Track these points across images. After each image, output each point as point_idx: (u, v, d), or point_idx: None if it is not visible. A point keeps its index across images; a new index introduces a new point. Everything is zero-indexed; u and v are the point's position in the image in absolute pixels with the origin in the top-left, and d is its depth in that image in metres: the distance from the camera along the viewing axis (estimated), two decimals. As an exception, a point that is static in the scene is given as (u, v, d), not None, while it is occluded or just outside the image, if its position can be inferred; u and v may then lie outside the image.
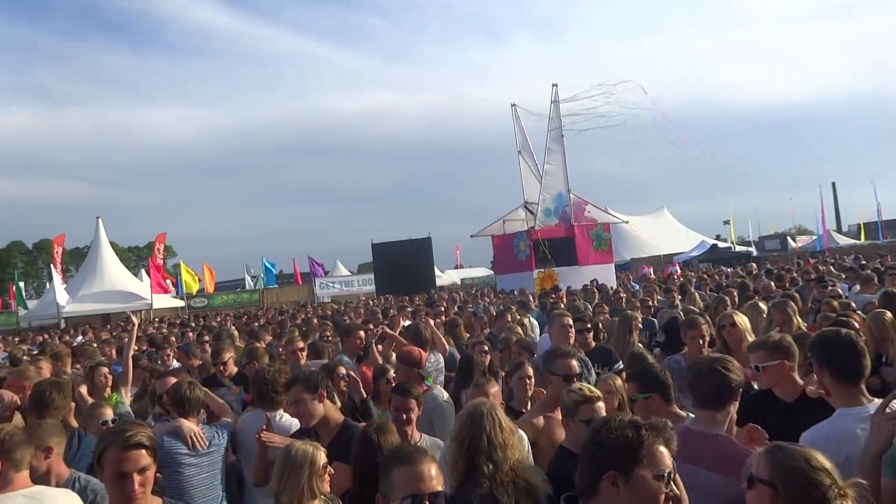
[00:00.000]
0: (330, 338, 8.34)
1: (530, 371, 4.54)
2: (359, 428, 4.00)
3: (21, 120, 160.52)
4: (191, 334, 12.73)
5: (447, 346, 7.23)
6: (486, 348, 6.12)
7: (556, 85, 25.54)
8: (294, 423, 4.30)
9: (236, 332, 10.46)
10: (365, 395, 4.96)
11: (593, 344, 6.25)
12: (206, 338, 10.28)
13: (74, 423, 4.55)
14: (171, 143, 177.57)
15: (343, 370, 5.25)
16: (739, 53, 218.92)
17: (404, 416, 3.86)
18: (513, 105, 27.17)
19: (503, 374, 5.21)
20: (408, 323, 8.79)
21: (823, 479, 1.96)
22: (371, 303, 22.73)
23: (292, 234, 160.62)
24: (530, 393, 4.51)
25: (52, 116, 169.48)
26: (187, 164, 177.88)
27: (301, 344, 6.91)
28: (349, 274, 52.63)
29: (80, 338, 17.65)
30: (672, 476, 2.10)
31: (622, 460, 2.07)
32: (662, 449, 2.10)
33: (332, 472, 3.20)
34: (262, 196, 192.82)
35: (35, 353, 11.02)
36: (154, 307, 34.46)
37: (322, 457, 3.15)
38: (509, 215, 26.58)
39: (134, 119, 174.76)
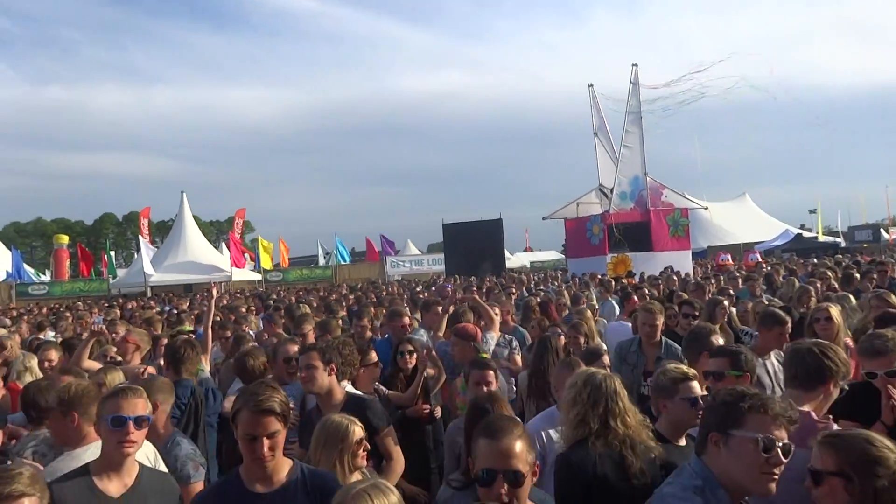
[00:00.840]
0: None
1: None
2: (365, 400, 4.10)
3: (113, 98, 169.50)
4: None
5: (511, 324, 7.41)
6: (561, 330, 6.05)
7: (635, 65, 24.73)
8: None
9: (310, 308, 10.69)
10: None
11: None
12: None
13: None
14: (252, 122, 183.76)
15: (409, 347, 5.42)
16: (831, 30, 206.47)
17: (484, 389, 3.92)
18: (590, 85, 26.53)
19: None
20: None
21: (889, 455, 2.04)
22: (440, 280, 22.86)
23: (365, 213, 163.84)
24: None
25: (142, 94, 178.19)
26: (267, 143, 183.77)
27: (366, 320, 7.06)
28: (419, 253, 53.13)
29: (167, 307, 18.55)
30: (776, 444, 2.15)
31: (722, 422, 2.25)
32: (765, 418, 2.19)
33: (368, 446, 3.20)
34: (336, 175, 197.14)
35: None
36: (233, 279, 35.85)
37: (358, 431, 3.11)
38: (583, 198, 26.05)
39: (218, 98, 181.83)
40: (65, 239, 51.60)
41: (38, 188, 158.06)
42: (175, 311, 14.01)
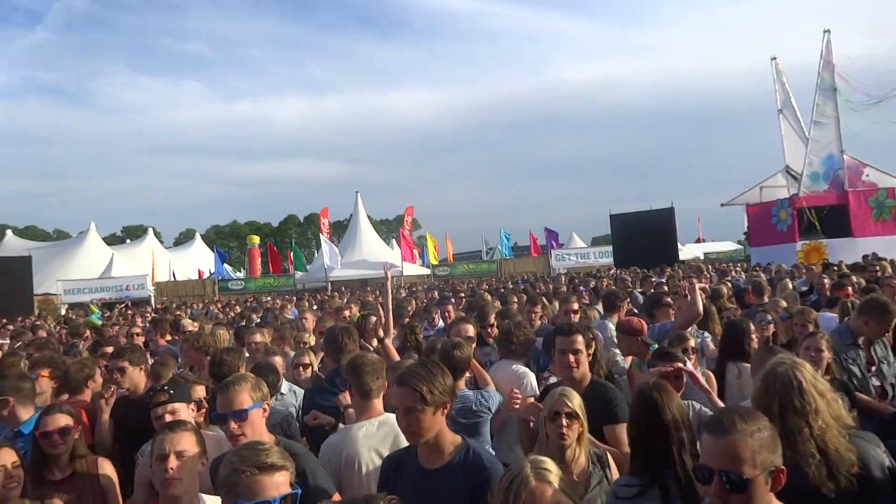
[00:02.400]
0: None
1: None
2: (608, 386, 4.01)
3: (293, 109, 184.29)
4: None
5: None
6: (771, 318, 5.58)
7: (828, 31, 22.37)
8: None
9: (489, 297, 10.84)
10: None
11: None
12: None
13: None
14: (417, 123, 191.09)
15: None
16: None
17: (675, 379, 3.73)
18: (773, 59, 24.43)
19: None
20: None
21: None
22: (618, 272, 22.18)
23: (529, 207, 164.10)
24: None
25: (318, 104, 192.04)
26: (432, 142, 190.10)
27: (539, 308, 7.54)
28: (584, 246, 52.09)
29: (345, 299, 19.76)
30: None
31: None
32: None
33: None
34: (500, 170, 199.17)
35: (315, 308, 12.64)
36: (404, 274, 37.45)
37: None
38: (767, 181, 24.08)
39: (386, 102, 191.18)
40: (256, 239, 56.96)
41: (233, 194, 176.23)
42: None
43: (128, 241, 71.82)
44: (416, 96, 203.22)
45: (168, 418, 3.43)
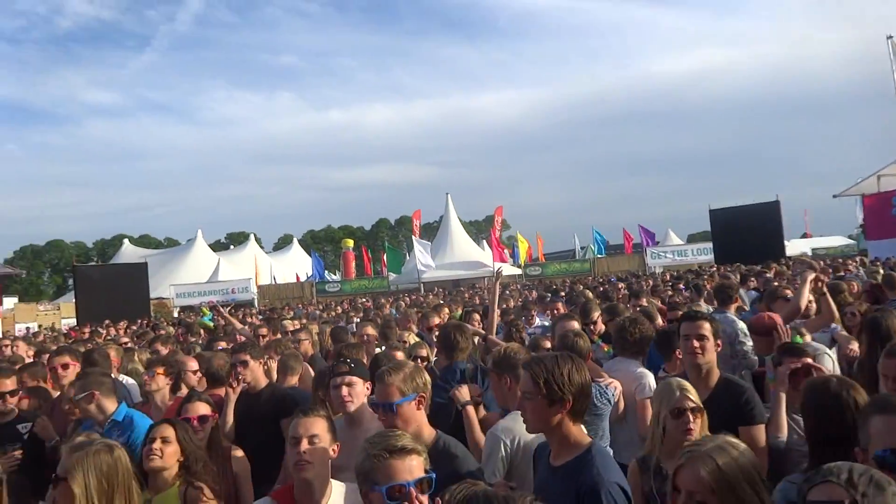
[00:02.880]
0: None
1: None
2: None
3: (381, 115, 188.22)
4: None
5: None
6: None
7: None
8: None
9: (590, 294, 10.68)
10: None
11: None
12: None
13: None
14: (503, 124, 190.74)
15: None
16: None
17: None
18: (889, 38, 22.71)
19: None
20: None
21: None
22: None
23: (621, 204, 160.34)
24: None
25: (404, 109, 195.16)
26: (519, 141, 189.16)
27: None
28: (682, 243, 50.31)
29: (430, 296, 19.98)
30: None
31: None
32: None
33: None
34: (590, 167, 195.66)
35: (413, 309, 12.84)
36: (495, 275, 37.45)
37: None
38: (885, 170, 22.41)
39: (472, 104, 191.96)
40: (350, 243, 58.50)
41: (326, 199, 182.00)
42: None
43: (231, 246, 75.61)
44: (502, 96, 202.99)
45: (344, 389, 3.48)
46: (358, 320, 11.06)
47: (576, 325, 5.48)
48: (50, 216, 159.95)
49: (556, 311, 7.65)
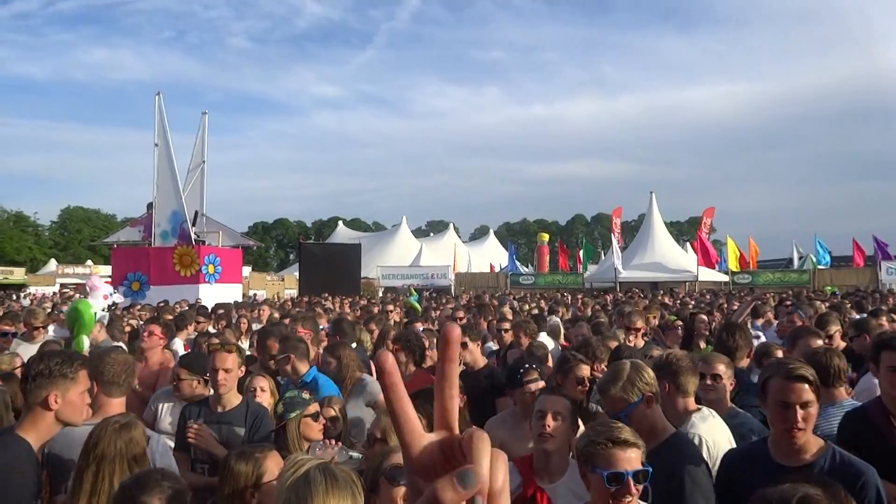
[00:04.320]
0: None
1: None
2: None
3: (584, 109, 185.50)
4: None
5: None
6: None
7: None
8: None
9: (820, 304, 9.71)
10: None
11: None
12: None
13: None
14: (716, 119, 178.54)
15: None
16: None
17: None
18: None
19: None
20: None
21: None
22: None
23: (852, 211, 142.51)
24: None
25: (609, 103, 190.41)
26: (734, 139, 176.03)
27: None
28: (927, 259, 43.52)
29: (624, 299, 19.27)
30: None
31: None
32: None
33: None
34: (817, 169, 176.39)
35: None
36: (699, 279, 35.24)
37: None
38: None
39: (682, 98, 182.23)
40: (546, 237, 58.60)
41: (523, 193, 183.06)
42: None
43: (431, 234, 79.27)
44: (716, 90, 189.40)
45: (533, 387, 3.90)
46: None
47: (820, 342, 4.98)
48: (277, 196, 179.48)
49: (791, 323, 7.01)
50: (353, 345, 6.46)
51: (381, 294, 34.27)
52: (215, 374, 4.03)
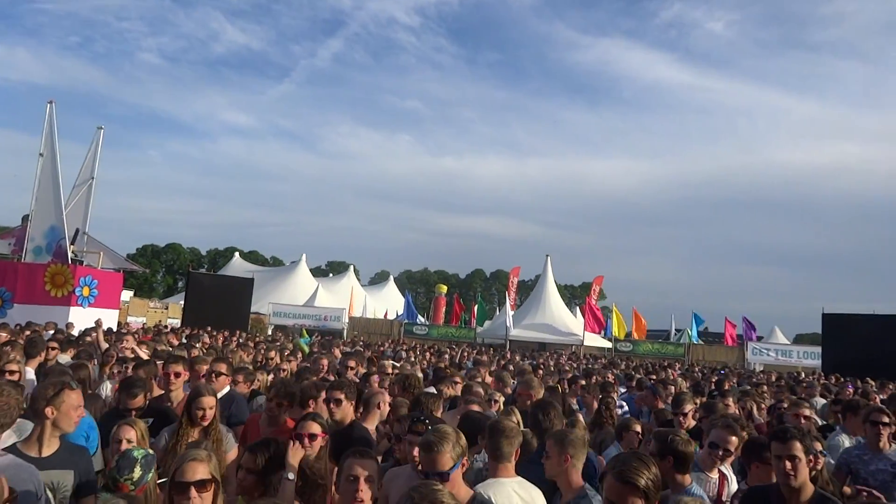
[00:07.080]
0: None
1: None
2: None
3: (493, 168, 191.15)
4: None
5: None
6: None
7: None
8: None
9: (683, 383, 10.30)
10: None
11: None
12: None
13: None
14: (616, 192, 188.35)
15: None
16: None
17: None
18: None
19: None
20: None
21: None
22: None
23: (727, 293, 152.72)
24: None
25: (517, 165, 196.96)
26: (629, 212, 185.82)
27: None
28: (787, 343, 47.36)
29: (526, 361, 19.75)
30: None
31: None
32: None
33: None
34: (699, 249, 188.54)
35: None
36: (584, 344, 36.58)
37: None
38: None
39: (586, 169, 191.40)
40: (444, 289, 59.17)
41: (427, 243, 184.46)
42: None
43: (331, 274, 78.16)
44: (618, 165, 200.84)
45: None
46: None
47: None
48: (172, 220, 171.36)
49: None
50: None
51: (269, 332, 33.33)
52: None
